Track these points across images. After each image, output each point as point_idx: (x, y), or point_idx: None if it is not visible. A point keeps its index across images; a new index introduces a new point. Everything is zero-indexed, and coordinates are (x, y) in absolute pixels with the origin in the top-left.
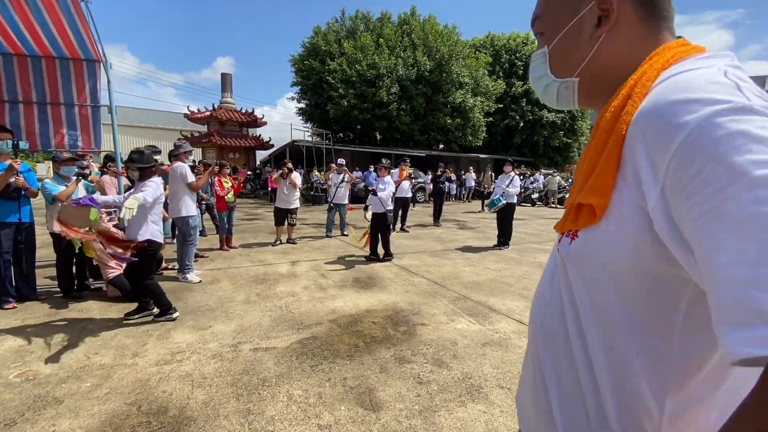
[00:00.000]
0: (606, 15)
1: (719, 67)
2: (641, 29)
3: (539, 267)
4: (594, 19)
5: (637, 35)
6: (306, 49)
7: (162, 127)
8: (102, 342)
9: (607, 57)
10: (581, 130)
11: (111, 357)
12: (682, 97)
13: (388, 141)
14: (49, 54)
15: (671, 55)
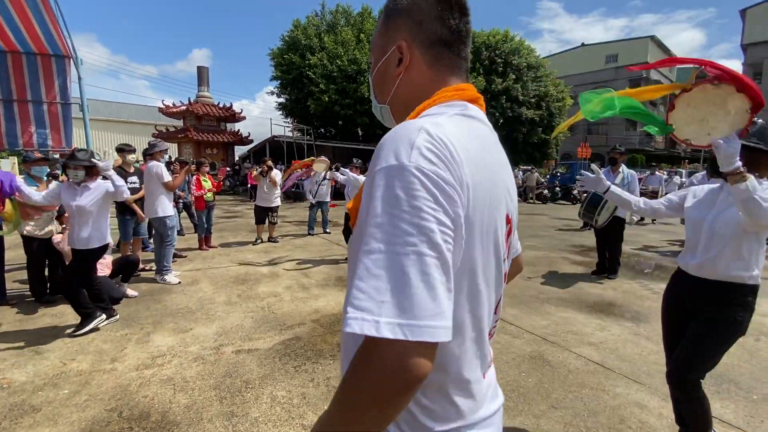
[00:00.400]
0: (401, 59)
1: (421, 125)
2: (428, 73)
3: None
4: (396, 61)
5: (424, 77)
6: (285, 43)
7: (136, 122)
8: (79, 347)
9: (405, 91)
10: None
11: (89, 363)
12: (384, 143)
13: (370, 137)
14: (15, 49)
15: (434, 99)
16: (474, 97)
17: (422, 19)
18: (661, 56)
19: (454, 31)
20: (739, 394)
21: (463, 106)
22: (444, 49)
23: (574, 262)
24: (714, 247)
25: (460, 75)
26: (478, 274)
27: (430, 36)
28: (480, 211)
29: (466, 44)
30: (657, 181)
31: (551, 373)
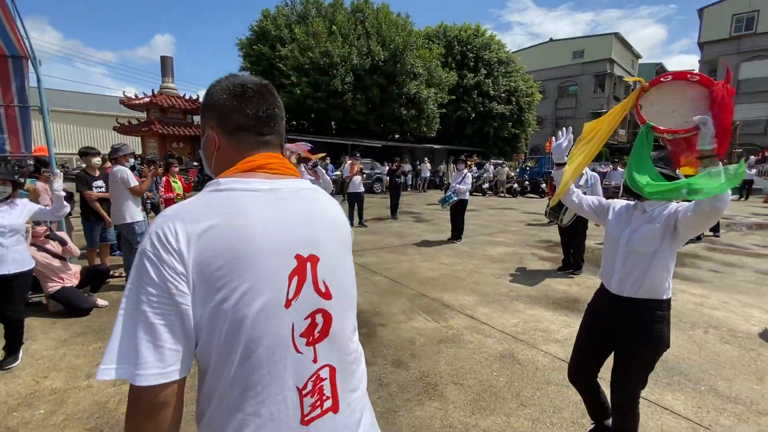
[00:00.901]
0: (213, 143)
1: (158, 222)
2: (231, 153)
3: (489, 260)
4: (210, 144)
5: (230, 156)
6: (254, 33)
7: (95, 113)
8: (50, 364)
9: (218, 166)
10: (528, 121)
11: (63, 380)
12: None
13: (343, 131)
14: None
15: (225, 172)
16: (259, 165)
17: (224, 112)
18: (623, 52)
19: (252, 117)
20: (688, 385)
21: (217, 183)
22: (244, 133)
23: (541, 258)
24: (630, 265)
25: (263, 149)
26: (241, 331)
27: (231, 125)
28: (218, 272)
29: (272, 123)
30: (619, 177)
31: (521, 372)
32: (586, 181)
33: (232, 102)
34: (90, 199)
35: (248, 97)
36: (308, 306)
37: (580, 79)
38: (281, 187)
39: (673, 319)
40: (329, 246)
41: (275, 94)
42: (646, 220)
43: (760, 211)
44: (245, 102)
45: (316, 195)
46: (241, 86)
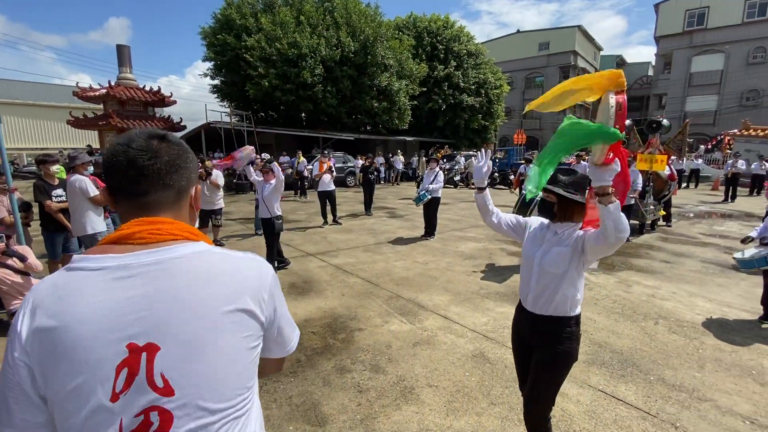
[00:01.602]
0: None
1: (45, 284)
2: (119, 211)
3: (460, 257)
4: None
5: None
6: (218, 22)
7: (46, 104)
8: None
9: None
10: (497, 113)
11: None
12: None
13: (314, 123)
14: None
15: (102, 240)
16: (123, 235)
17: (104, 172)
18: (586, 44)
19: (121, 180)
20: (639, 376)
21: (77, 259)
22: (119, 196)
23: (509, 253)
24: (542, 284)
25: (145, 213)
26: (68, 425)
27: (107, 185)
28: (48, 366)
29: (151, 179)
30: (582, 169)
31: (491, 370)
32: None
33: (107, 162)
34: (51, 211)
35: (123, 156)
36: (139, 402)
37: (545, 71)
38: (133, 263)
39: (628, 311)
40: (183, 330)
41: (167, 148)
42: (557, 242)
43: (707, 198)
44: (118, 163)
45: (190, 265)
46: (120, 145)
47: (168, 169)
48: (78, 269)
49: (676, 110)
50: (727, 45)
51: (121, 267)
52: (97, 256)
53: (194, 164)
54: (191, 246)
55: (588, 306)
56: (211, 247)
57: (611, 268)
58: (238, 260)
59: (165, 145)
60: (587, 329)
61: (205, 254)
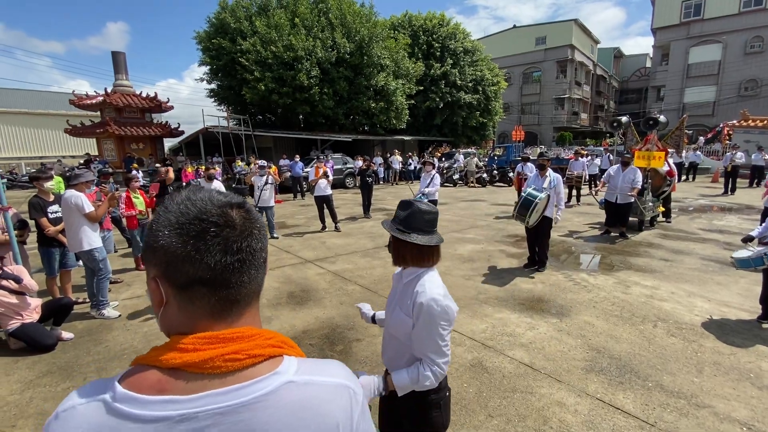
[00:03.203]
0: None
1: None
2: (179, 317)
3: (459, 260)
4: (155, 295)
5: (177, 320)
6: (213, 26)
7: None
8: (17, 410)
9: (162, 323)
10: (495, 109)
11: (32, 428)
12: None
13: (312, 125)
14: None
15: (153, 355)
16: (184, 363)
17: (170, 259)
18: (583, 38)
19: (215, 268)
20: (637, 383)
21: (113, 391)
22: (202, 289)
23: (509, 254)
24: (394, 346)
25: (223, 317)
26: None
27: (180, 277)
28: None
29: (242, 273)
30: (580, 167)
31: (489, 381)
32: (550, 182)
33: (185, 245)
34: (50, 234)
35: (208, 241)
36: None
37: (543, 66)
38: (201, 411)
39: (626, 313)
40: None
41: (254, 221)
42: (400, 299)
43: (707, 191)
44: (204, 248)
45: (275, 410)
46: (199, 221)
47: (260, 246)
48: (125, 416)
49: (675, 102)
50: (724, 35)
51: (185, 418)
52: (151, 398)
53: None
54: (274, 377)
55: (587, 309)
56: (295, 368)
57: (610, 269)
58: (328, 391)
59: (246, 218)
60: (586, 334)
61: (292, 389)
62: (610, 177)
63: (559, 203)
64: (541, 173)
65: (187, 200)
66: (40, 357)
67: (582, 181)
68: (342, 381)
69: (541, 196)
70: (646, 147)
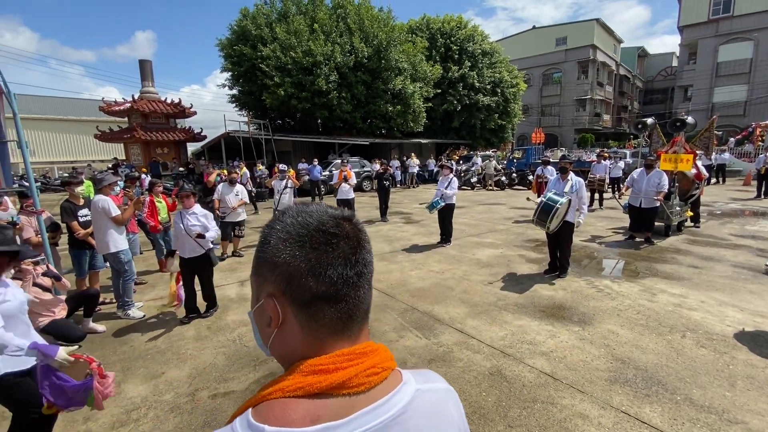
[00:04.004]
0: (272, 317)
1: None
2: (301, 337)
3: (477, 265)
4: (266, 317)
5: (298, 341)
6: (234, 34)
7: (74, 119)
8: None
9: (280, 351)
10: (514, 111)
11: (61, 426)
12: None
13: (330, 129)
14: None
15: (292, 382)
16: (328, 385)
17: (292, 274)
18: (605, 38)
19: (337, 282)
20: (664, 396)
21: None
22: (324, 306)
23: (529, 259)
24: None
25: (347, 334)
26: None
27: (303, 293)
28: None
29: (357, 288)
30: (603, 169)
31: (508, 390)
32: (572, 186)
33: (309, 258)
34: (80, 237)
35: (331, 253)
36: None
37: (564, 66)
38: (365, 426)
39: (653, 323)
40: None
41: (364, 234)
42: None
43: (738, 195)
44: (326, 260)
45: (420, 419)
46: (320, 233)
47: (371, 259)
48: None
49: (703, 102)
50: (755, 32)
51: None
52: (309, 430)
53: None
54: (406, 387)
55: (610, 318)
56: (412, 377)
57: (635, 275)
58: (444, 396)
59: (358, 230)
60: (609, 343)
61: (422, 397)
62: (633, 180)
63: (581, 207)
64: (563, 177)
65: (304, 213)
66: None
67: (605, 184)
68: (447, 386)
69: (562, 201)
70: (673, 149)
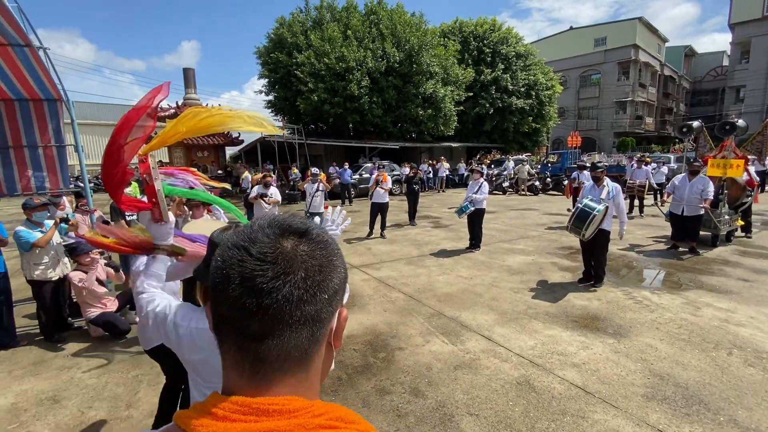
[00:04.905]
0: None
1: None
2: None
3: (507, 272)
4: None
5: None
6: (271, 42)
7: None
8: (94, 393)
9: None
10: (549, 114)
11: (105, 410)
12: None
13: (361, 134)
14: (7, 97)
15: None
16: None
17: (212, 281)
18: (648, 37)
19: (232, 305)
20: (706, 416)
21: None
22: (227, 329)
23: (562, 267)
24: None
25: (251, 378)
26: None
27: (214, 304)
28: None
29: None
30: (643, 175)
31: (536, 401)
32: (608, 193)
33: (220, 269)
34: None
35: (240, 265)
36: None
37: (603, 67)
38: None
39: (696, 338)
40: None
41: (313, 261)
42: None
43: None
44: (232, 273)
45: None
46: (222, 263)
47: (304, 296)
48: None
49: (757, 103)
50: None
51: None
52: None
53: (343, 274)
54: None
55: (648, 330)
56: None
57: (677, 287)
58: None
59: (305, 249)
60: (647, 358)
61: None
62: (675, 187)
63: (620, 216)
64: (597, 184)
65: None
66: (116, 345)
67: (645, 190)
68: None
69: (599, 208)
70: (722, 154)
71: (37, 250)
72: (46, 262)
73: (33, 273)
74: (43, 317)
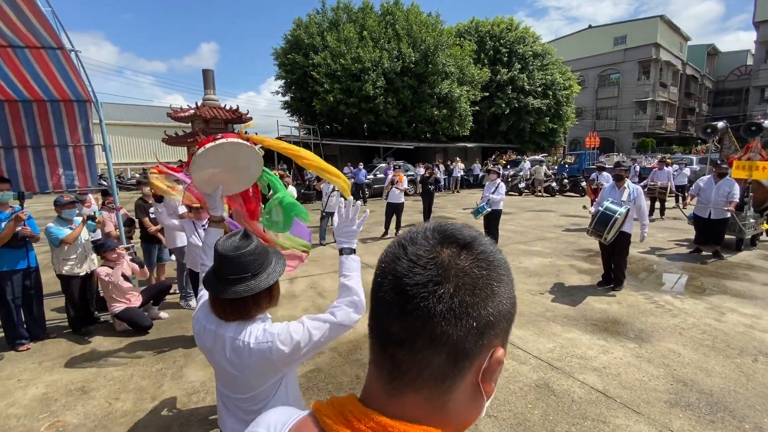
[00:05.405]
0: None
1: None
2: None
3: (524, 273)
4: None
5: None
6: (288, 43)
7: (146, 124)
8: (120, 385)
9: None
10: (566, 115)
11: (131, 402)
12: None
13: (375, 134)
14: (39, 98)
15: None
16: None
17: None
18: (670, 35)
19: (381, 303)
20: (731, 423)
21: None
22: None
23: (580, 270)
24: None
25: (388, 387)
26: None
27: (370, 311)
28: None
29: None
30: (665, 176)
31: (556, 404)
32: (629, 195)
33: (378, 273)
34: (150, 231)
35: (382, 278)
36: None
37: (622, 67)
38: None
39: (720, 344)
40: None
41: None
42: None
43: None
44: (378, 281)
45: None
46: (381, 265)
47: (447, 315)
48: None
49: None
50: None
51: None
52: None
53: (506, 306)
54: None
55: (671, 336)
56: None
57: (700, 292)
58: None
59: (462, 262)
60: (670, 363)
61: None
62: (700, 189)
63: (642, 219)
64: (618, 185)
65: (427, 223)
66: (140, 339)
67: (666, 192)
68: None
69: (621, 211)
70: (747, 156)
71: (65, 247)
72: (74, 258)
73: (62, 268)
74: (71, 311)
